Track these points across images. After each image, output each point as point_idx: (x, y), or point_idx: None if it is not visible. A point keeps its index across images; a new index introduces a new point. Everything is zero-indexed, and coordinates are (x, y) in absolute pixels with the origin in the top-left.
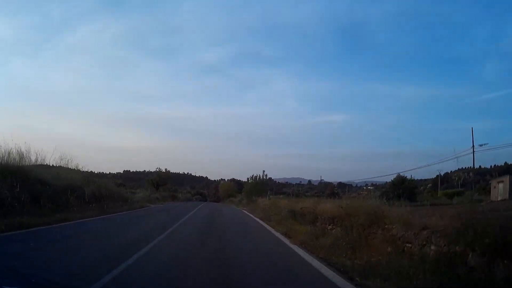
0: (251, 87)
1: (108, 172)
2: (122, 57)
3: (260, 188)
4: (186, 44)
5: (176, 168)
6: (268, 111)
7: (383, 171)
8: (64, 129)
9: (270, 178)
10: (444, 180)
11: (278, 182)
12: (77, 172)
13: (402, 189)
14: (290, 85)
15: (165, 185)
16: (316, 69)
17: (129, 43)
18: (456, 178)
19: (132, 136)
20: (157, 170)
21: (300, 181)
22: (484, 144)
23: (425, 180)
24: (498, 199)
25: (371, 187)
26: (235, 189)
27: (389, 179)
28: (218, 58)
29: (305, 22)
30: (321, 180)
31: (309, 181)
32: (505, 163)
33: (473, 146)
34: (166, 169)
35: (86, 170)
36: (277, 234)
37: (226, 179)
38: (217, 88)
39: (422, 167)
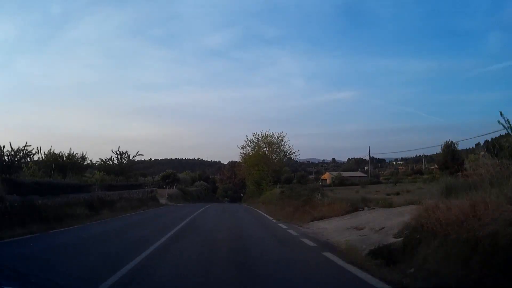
0: (258, 69)
1: None
2: (126, 47)
3: None
4: (189, 30)
5: (185, 154)
6: (277, 92)
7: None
8: (72, 124)
9: (290, 158)
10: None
11: (300, 162)
12: None
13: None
14: (298, 64)
15: None
16: (322, 47)
17: (132, 32)
18: (507, 144)
19: (141, 125)
20: None
21: (323, 159)
22: None
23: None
24: None
25: (401, 162)
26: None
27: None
28: (222, 42)
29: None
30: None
31: (333, 159)
32: None
33: None
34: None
35: None
36: None
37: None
38: (224, 72)
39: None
